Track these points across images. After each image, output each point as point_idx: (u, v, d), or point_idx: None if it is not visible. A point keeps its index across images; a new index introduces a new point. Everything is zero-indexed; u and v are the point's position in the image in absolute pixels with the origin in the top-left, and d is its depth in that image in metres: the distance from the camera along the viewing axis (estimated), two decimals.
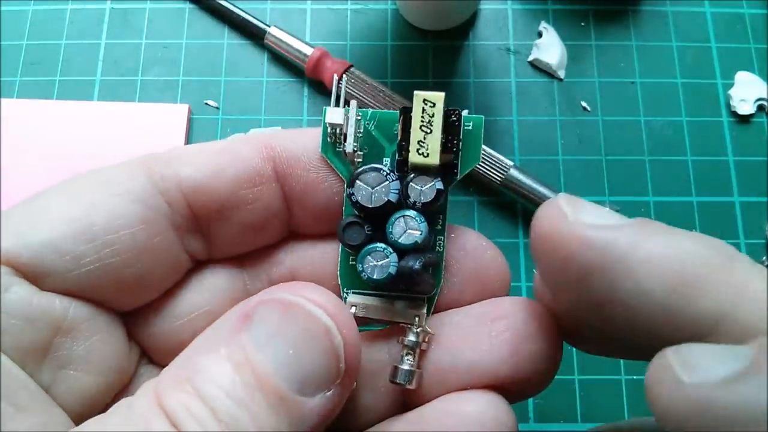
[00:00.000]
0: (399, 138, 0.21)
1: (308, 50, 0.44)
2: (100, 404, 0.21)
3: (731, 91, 0.45)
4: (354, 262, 0.22)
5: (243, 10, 0.46)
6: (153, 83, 0.45)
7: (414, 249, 0.21)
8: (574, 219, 0.18)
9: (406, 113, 0.21)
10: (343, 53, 0.46)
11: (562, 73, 0.46)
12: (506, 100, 0.45)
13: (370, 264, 0.21)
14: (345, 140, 0.21)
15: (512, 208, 0.43)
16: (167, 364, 0.23)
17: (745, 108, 0.45)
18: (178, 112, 0.44)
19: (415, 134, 0.20)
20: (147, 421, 0.17)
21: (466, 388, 0.21)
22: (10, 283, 0.19)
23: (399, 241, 0.21)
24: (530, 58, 0.46)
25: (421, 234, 0.21)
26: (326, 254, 0.24)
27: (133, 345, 0.22)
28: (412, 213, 0.21)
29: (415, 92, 0.21)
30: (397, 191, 0.21)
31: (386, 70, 0.46)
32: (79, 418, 0.20)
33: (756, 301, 0.15)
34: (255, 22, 0.45)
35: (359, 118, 0.22)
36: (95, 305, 0.21)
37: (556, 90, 0.46)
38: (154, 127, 0.43)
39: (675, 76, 0.46)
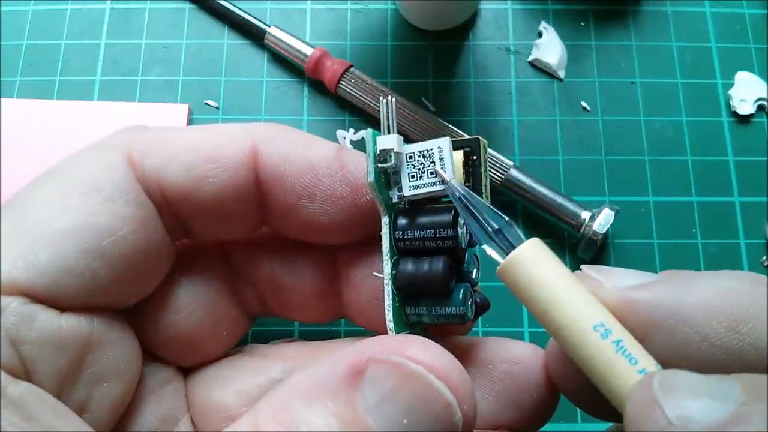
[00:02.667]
0: (465, 176, 0.21)
1: (308, 50, 0.44)
2: (124, 408, 0.21)
3: (731, 91, 0.45)
4: (397, 304, 0.21)
5: (243, 10, 0.46)
6: (153, 83, 0.45)
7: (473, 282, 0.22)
8: (612, 285, 0.18)
9: (469, 156, 0.21)
10: (343, 53, 0.46)
11: (562, 73, 0.46)
12: (506, 100, 0.45)
13: (468, 304, 0.21)
14: (401, 181, 0.20)
15: (512, 208, 0.43)
16: (171, 359, 0.23)
17: (745, 108, 0.45)
18: (178, 112, 0.44)
19: (485, 178, 0.21)
20: None
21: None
22: (35, 313, 0.18)
23: (474, 278, 0.21)
24: (530, 58, 0.46)
25: (479, 270, 0.22)
26: (306, 260, 0.24)
27: (138, 344, 0.22)
28: (477, 251, 0.21)
29: (480, 138, 0.20)
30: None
31: (386, 70, 0.46)
32: (110, 426, 0.20)
33: None
34: (255, 22, 0.45)
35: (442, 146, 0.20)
36: (109, 312, 0.21)
37: (556, 90, 0.46)
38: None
39: (675, 76, 0.46)
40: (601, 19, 0.47)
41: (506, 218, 0.19)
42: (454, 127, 0.42)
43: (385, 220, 0.20)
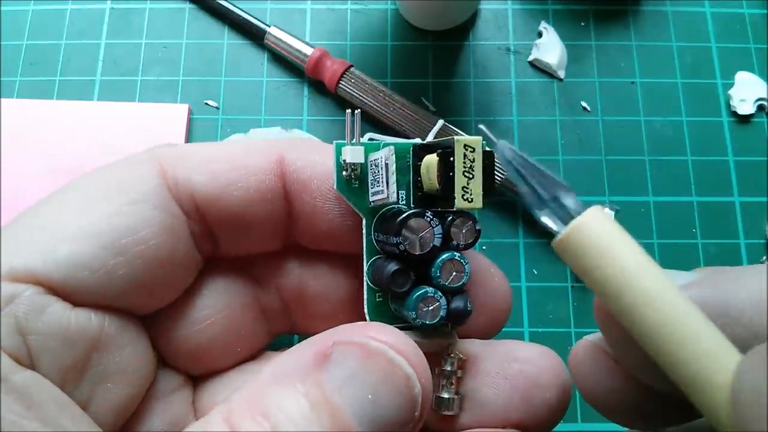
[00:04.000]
0: (439, 180, 0.21)
1: (308, 50, 0.44)
2: (130, 412, 0.21)
3: (731, 91, 0.45)
4: (380, 299, 0.22)
5: (243, 10, 0.46)
6: (153, 83, 0.45)
7: (460, 291, 0.21)
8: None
9: (445, 158, 0.20)
10: (343, 53, 0.46)
11: (562, 73, 0.46)
12: (506, 100, 0.45)
13: (423, 310, 0.21)
14: (384, 187, 0.20)
15: (512, 208, 0.43)
16: (184, 367, 0.23)
17: (745, 108, 0.45)
18: (178, 112, 0.44)
19: (459, 180, 0.20)
20: None
21: (479, 424, 0.22)
22: (47, 303, 0.18)
23: (447, 284, 0.21)
24: (530, 58, 0.46)
25: (466, 275, 0.21)
26: (333, 268, 0.24)
27: (152, 350, 0.22)
28: (457, 255, 0.21)
29: (455, 138, 0.20)
30: (440, 236, 0.21)
31: (386, 70, 0.46)
32: (112, 428, 0.20)
33: None
34: (255, 22, 0.45)
35: (388, 160, 0.21)
36: (124, 315, 0.21)
37: (556, 90, 0.46)
38: (154, 127, 0.43)
39: (675, 76, 0.46)
40: (601, 19, 0.47)
41: (565, 184, 0.18)
42: (454, 127, 0.42)
43: (365, 222, 0.21)
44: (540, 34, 0.47)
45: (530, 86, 0.46)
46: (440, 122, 0.25)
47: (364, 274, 0.22)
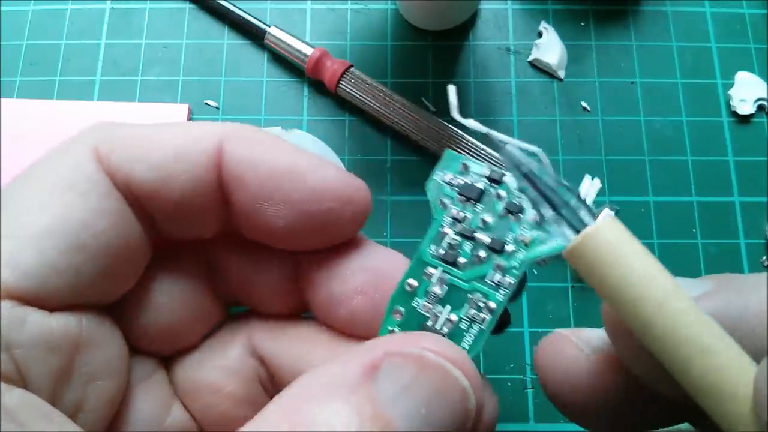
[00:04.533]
0: None
1: (308, 50, 0.44)
2: (119, 403, 0.21)
3: (731, 91, 0.45)
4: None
5: (243, 10, 0.46)
6: (153, 83, 0.45)
7: None
8: (586, 347, 0.18)
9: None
10: (343, 53, 0.46)
11: (562, 73, 0.46)
12: (506, 100, 0.45)
13: None
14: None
15: None
16: (153, 351, 0.23)
17: (745, 108, 0.45)
18: (178, 112, 0.44)
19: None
20: None
21: None
22: (24, 314, 0.18)
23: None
24: (530, 58, 0.46)
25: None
26: (269, 256, 0.23)
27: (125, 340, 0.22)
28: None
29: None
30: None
31: (386, 70, 0.46)
32: (104, 424, 0.20)
33: None
34: (255, 22, 0.45)
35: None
36: (96, 310, 0.21)
37: (556, 90, 0.46)
38: None
39: (675, 76, 0.46)
40: (601, 19, 0.47)
41: (577, 191, 0.17)
42: (454, 127, 0.42)
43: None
44: (540, 34, 0.47)
45: (530, 86, 0.46)
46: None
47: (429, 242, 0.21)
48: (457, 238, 0.21)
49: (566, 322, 0.41)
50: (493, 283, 0.20)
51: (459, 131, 0.42)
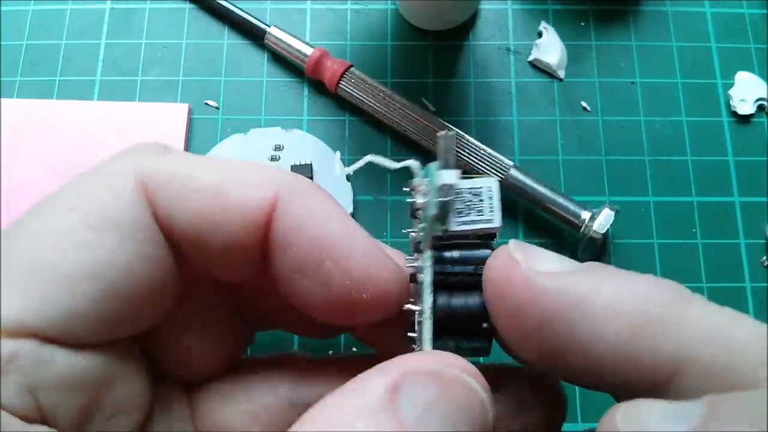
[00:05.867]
0: None
1: (308, 50, 0.44)
2: None
3: (731, 91, 0.45)
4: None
5: (243, 10, 0.46)
6: (153, 83, 0.45)
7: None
8: (526, 267, 0.17)
9: None
10: (343, 53, 0.46)
11: (562, 73, 0.46)
12: (506, 100, 0.45)
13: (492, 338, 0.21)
14: (485, 215, 0.20)
15: (512, 208, 0.43)
16: (176, 376, 0.23)
17: (745, 108, 0.45)
18: (179, 112, 0.44)
19: None
20: None
21: None
22: (52, 354, 0.17)
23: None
24: (530, 58, 0.46)
25: None
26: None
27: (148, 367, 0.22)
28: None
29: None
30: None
31: (386, 70, 0.46)
32: None
33: (716, 344, 0.15)
34: (255, 22, 0.45)
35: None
36: (123, 345, 0.20)
37: (556, 90, 0.46)
38: (154, 126, 0.43)
39: (675, 76, 0.46)
40: (601, 19, 0.47)
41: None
42: (454, 127, 0.42)
43: (428, 254, 0.20)
44: (540, 34, 0.47)
45: (530, 86, 0.46)
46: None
47: (428, 309, 0.20)
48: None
49: None
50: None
51: (459, 131, 0.42)
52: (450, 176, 0.20)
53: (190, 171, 0.20)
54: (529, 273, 0.17)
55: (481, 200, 0.20)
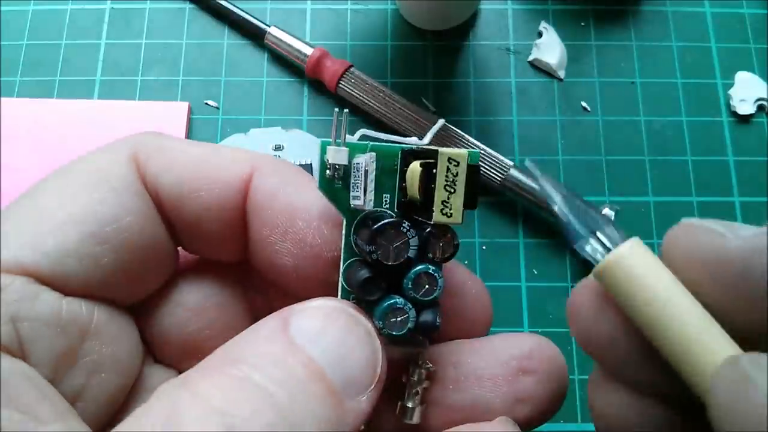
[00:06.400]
0: (420, 190, 0.20)
1: (308, 50, 0.44)
2: (119, 404, 0.21)
3: (731, 91, 0.45)
4: (354, 301, 0.21)
5: (243, 10, 0.46)
6: (153, 83, 0.45)
7: (431, 303, 0.21)
8: (734, 234, 0.17)
9: (428, 169, 0.20)
10: (343, 53, 0.46)
11: (562, 73, 0.46)
12: (506, 100, 0.45)
13: (391, 320, 0.20)
14: (361, 193, 0.20)
15: (512, 208, 0.43)
16: (173, 363, 0.23)
17: (745, 108, 0.45)
18: (179, 110, 0.44)
19: (440, 194, 0.20)
20: (181, 406, 0.16)
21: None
22: (38, 291, 0.19)
23: (419, 296, 0.21)
24: (530, 58, 0.46)
25: (439, 289, 0.21)
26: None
27: (140, 342, 0.22)
28: (431, 269, 0.21)
29: (440, 150, 0.20)
30: (416, 247, 0.20)
31: (386, 70, 0.46)
32: (106, 419, 0.20)
33: None
34: (255, 22, 0.45)
35: (368, 167, 0.21)
36: (113, 305, 0.21)
37: (556, 90, 0.46)
38: (154, 124, 0.43)
39: (675, 76, 0.46)
40: (601, 19, 0.47)
41: (604, 214, 0.19)
42: (454, 127, 0.42)
43: (344, 222, 0.21)
44: (540, 34, 0.47)
45: (530, 86, 0.46)
46: (440, 122, 0.25)
47: (340, 275, 0.21)
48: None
49: (566, 322, 0.41)
50: None
51: (459, 131, 0.42)
52: (332, 153, 0.21)
53: (176, 145, 0.22)
54: (740, 238, 0.16)
55: (358, 177, 0.21)
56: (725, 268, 0.17)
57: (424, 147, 0.21)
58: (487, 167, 0.41)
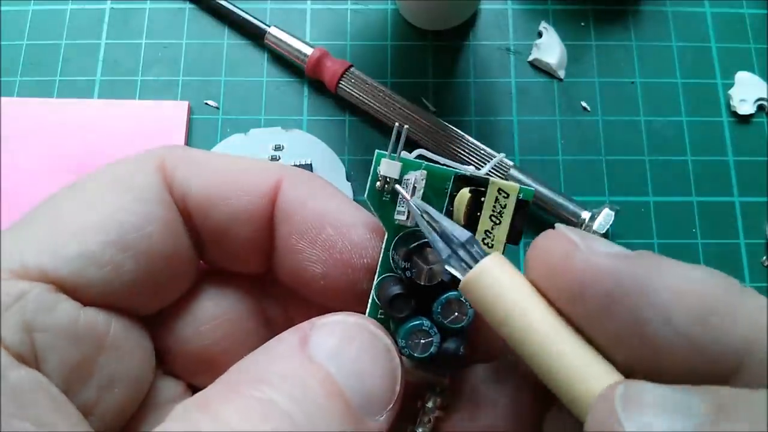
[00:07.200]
0: (465, 216, 0.20)
1: (308, 50, 0.44)
2: (129, 416, 0.21)
3: (731, 91, 0.45)
4: (382, 316, 0.21)
5: (243, 10, 0.46)
6: (153, 83, 0.45)
7: (458, 332, 0.21)
8: (586, 247, 0.17)
9: (476, 196, 0.20)
10: (343, 53, 0.46)
11: (562, 73, 0.46)
12: (506, 100, 0.45)
13: (414, 341, 0.20)
14: (406, 209, 0.20)
15: None
16: (185, 375, 0.23)
17: (745, 108, 0.45)
18: (178, 109, 0.44)
19: (484, 224, 0.20)
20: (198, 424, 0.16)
21: None
22: (57, 301, 0.18)
23: (446, 323, 0.20)
24: (530, 58, 0.46)
25: (468, 318, 0.20)
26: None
27: (154, 354, 0.22)
28: (464, 297, 0.20)
29: (491, 179, 0.20)
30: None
31: (386, 70, 0.46)
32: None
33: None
34: (255, 22, 0.45)
35: (417, 184, 0.21)
36: (129, 316, 0.21)
37: (556, 90, 0.46)
38: (154, 124, 0.43)
39: (675, 76, 0.46)
40: (601, 19, 0.47)
41: (469, 234, 0.18)
42: (454, 127, 0.42)
43: (386, 237, 0.21)
44: (540, 34, 0.47)
45: (530, 86, 0.46)
46: (501, 156, 0.24)
47: (373, 288, 0.21)
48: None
49: None
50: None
51: (459, 131, 0.42)
52: (385, 167, 0.20)
53: (204, 155, 0.22)
54: (591, 253, 0.17)
55: (409, 192, 0.20)
56: (570, 285, 0.17)
57: (477, 175, 0.21)
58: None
